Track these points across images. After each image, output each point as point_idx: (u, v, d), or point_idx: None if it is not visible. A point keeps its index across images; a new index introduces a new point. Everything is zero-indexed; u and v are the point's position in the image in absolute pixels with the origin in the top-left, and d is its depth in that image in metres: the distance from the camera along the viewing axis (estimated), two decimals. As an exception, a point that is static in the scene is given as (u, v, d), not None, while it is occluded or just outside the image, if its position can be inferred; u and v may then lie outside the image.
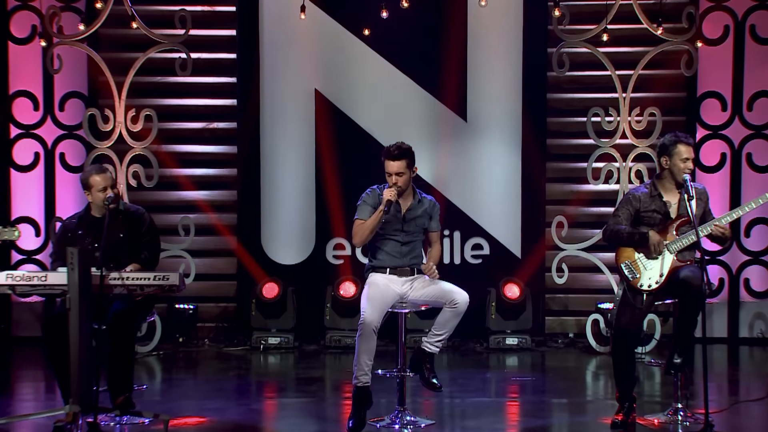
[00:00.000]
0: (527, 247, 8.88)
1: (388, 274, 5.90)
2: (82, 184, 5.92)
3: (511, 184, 8.93)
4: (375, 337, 5.59)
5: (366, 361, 5.63)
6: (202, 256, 9.00)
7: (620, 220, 5.78)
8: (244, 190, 9.05)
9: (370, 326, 5.56)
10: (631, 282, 5.72)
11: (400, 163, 5.78)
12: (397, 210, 5.89)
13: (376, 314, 5.60)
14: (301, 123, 8.99)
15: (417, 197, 5.94)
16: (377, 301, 5.68)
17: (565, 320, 9.14)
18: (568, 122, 9.12)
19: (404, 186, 5.82)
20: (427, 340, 5.80)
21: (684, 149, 5.72)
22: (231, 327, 9.07)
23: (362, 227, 5.82)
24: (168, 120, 9.04)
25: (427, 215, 5.94)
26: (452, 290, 5.70)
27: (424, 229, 5.96)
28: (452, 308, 5.66)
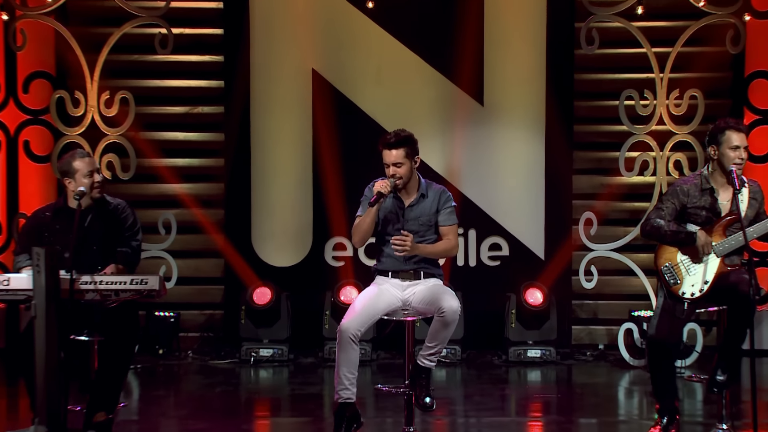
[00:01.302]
0: (551, 248, 8.87)
1: (390, 277, 5.91)
2: (63, 171, 5.84)
3: (533, 176, 8.92)
4: (355, 347, 5.59)
5: (346, 373, 5.63)
6: (184, 257, 9.00)
7: (664, 215, 5.72)
8: (232, 182, 9.05)
9: (347, 334, 5.56)
10: (671, 288, 5.68)
11: (398, 152, 5.76)
12: (399, 206, 5.87)
13: (357, 321, 5.61)
14: (297, 107, 8.99)
15: (422, 190, 5.91)
16: (363, 307, 5.69)
17: (595, 330, 9.13)
18: (597, 106, 9.10)
19: (405, 178, 5.80)
20: (421, 353, 5.80)
21: (735, 136, 5.65)
22: (217, 337, 9.07)
23: (357, 226, 5.82)
24: (146, 104, 9.03)
25: (434, 209, 5.89)
26: (442, 297, 5.66)
27: (432, 225, 5.92)
28: (440, 317, 5.64)
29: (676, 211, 5.74)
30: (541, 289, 8.57)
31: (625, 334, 8.43)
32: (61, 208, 5.93)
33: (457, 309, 5.60)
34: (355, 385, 5.68)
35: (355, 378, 5.66)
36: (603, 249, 8.58)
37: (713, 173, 5.74)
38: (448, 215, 5.89)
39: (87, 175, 5.81)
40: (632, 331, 8.41)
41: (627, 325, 8.45)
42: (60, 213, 5.90)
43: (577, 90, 8.98)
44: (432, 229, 5.90)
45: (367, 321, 5.67)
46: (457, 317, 5.62)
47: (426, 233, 5.86)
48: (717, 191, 5.71)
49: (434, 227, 5.91)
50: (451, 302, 5.61)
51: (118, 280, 5.49)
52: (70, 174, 5.83)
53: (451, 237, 5.88)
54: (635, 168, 8.46)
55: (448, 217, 5.89)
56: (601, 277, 8.61)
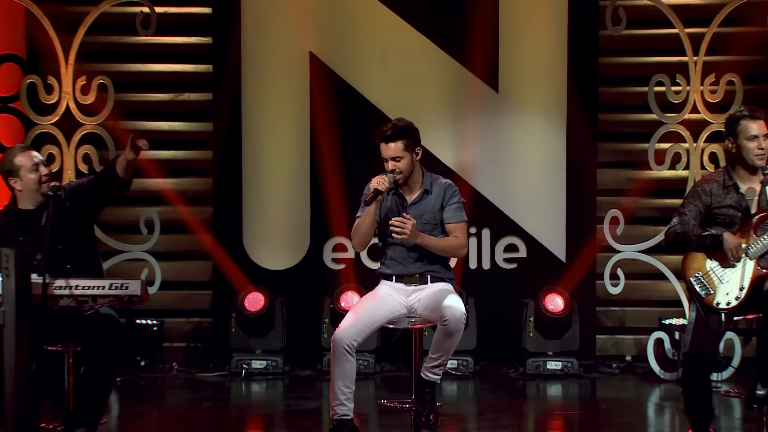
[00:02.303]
0: (573, 249, 8.87)
1: (394, 281, 5.93)
2: (5, 172, 5.76)
3: (553, 170, 8.92)
4: (350, 358, 5.60)
5: (341, 387, 5.64)
6: (169, 259, 9.00)
7: (687, 219, 5.69)
8: (222, 176, 9.06)
9: (341, 344, 5.57)
10: (704, 300, 5.64)
11: (397, 145, 5.76)
12: (401, 204, 5.86)
13: (353, 329, 5.61)
14: (293, 94, 8.99)
15: (425, 185, 5.90)
16: (361, 314, 5.70)
17: (621, 339, 9.12)
18: (624, 93, 9.10)
19: (405, 173, 5.80)
20: (425, 366, 5.81)
21: (752, 125, 5.64)
22: (205, 347, 9.08)
23: (356, 228, 5.84)
24: (127, 90, 9.03)
25: (438, 205, 5.88)
26: (445, 304, 5.65)
27: (438, 224, 5.91)
28: (442, 325, 5.63)
29: (700, 214, 5.70)
30: (562, 295, 8.56)
31: (654, 344, 8.41)
32: (11, 212, 5.86)
33: (462, 316, 5.58)
34: (352, 400, 5.68)
35: (351, 392, 5.66)
36: (630, 250, 8.57)
37: (735, 167, 5.72)
38: (455, 211, 5.87)
39: (32, 169, 5.75)
40: (663, 340, 8.39)
41: (657, 334, 8.44)
42: (12, 217, 5.84)
43: (601, 75, 8.96)
44: (438, 228, 5.89)
45: (364, 330, 5.67)
46: (461, 326, 5.61)
47: (431, 233, 5.85)
48: (741, 186, 5.69)
49: (440, 226, 5.90)
50: (455, 308, 5.59)
51: (95, 285, 5.48)
52: (13, 173, 5.76)
53: (458, 235, 5.86)
54: (666, 161, 8.44)
55: (455, 213, 5.87)
56: (629, 281, 8.60)
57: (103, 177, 5.89)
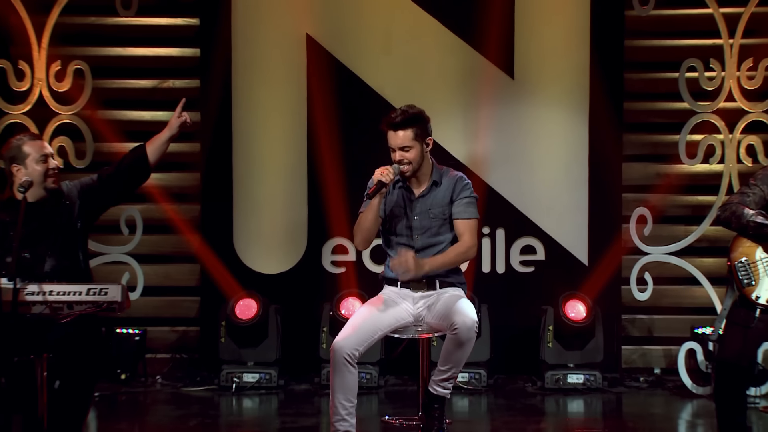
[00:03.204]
0: (597, 251, 8.87)
1: (399, 287, 5.94)
2: (11, 157, 5.85)
3: (574, 164, 8.92)
4: (351, 369, 5.63)
5: (342, 401, 5.67)
6: (152, 262, 9.02)
7: (749, 201, 5.72)
8: (210, 171, 9.06)
9: (341, 354, 5.60)
10: (744, 290, 5.66)
11: (406, 134, 5.79)
12: (408, 197, 5.85)
13: (353, 339, 5.63)
14: (288, 81, 8.99)
15: (434, 177, 5.92)
16: (363, 322, 5.72)
17: (650, 350, 9.12)
18: (653, 79, 9.10)
19: (414, 164, 5.82)
20: (433, 379, 5.84)
21: None
22: (192, 359, 9.09)
23: (358, 224, 5.86)
24: (106, 76, 9.05)
25: (447, 199, 5.89)
26: (455, 311, 5.67)
27: (447, 219, 5.91)
28: (452, 335, 5.65)
29: (764, 199, 5.73)
30: (584, 301, 8.55)
31: (686, 355, 8.41)
32: (6, 202, 5.90)
33: (473, 325, 5.60)
34: (354, 415, 5.70)
35: (353, 407, 5.68)
36: (659, 252, 8.59)
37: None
38: (465, 206, 5.88)
39: (40, 160, 5.83)
40: (695, 351, 8.39)
41: (689, 344, 8.44)
42: (7, 208, 5.86)
43: (627, 60, 8.94)
44: (446, 224, 5.91)
45: (367, 339, 5.69)
46: (473, 335, 5.62)
47: (440, 229, 5.87)
48: None
49: (449, 222, 5.91)
50: (466, 316, 5.59)
51: (71, 290, 5.48)
52: (19, 160, 5.83)
53: (466, 236, 5.87)
54: (699, 154, 8.46)
55: (465, 208, 5.88)
56: (657, 286, 8.61)
57: (129, 166, 5.96)
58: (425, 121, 5.85)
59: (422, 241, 5.88)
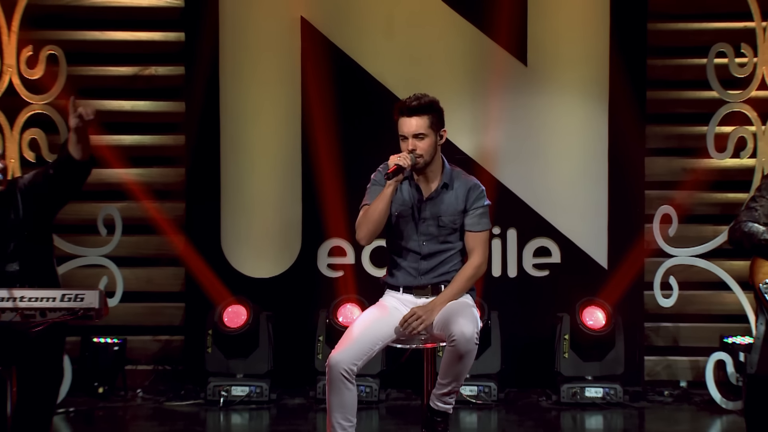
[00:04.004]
0: (617, 253, 8.88)
1: (401, 293, 5.96)
2: None
3: (593, 158, 8.93)
4: (349, 386, 5.63)
5: (340, 420, 5.67)
6: (133, 266, 9.02)
7: (758, 216, 5.72)
8: (196, 166, 9.07)
9: (337, 369, 5.59)
10: (773, 312, 5.68)
11: (421, 121, 5.80)
12: (417, 198, 5.85)
13: (351, 352, 5.63)
14: (281, 68, 9.00)
15: (445, 178, 5.92)
16: (361, 333, 5.72)
17: (675, 362, 9.12)
18: (678, 66, 9.10)
19: (426, 156, 5.82)
20: (434, 393, 5.84)
21: None
22: (176, 371, 9.09)
23: (366, 215, 5.84)
24: (82, 63, 9.04)
25: (460, 207, 5.90)
26: (453, 320, 5.67)
27: (457, 228, 5.92)
28: (450, 346, 5.66)
29: None
30: (603, 308, 8.56)
31: (715, 367, 8.41)
32: None
33: (472, 336, 5.60)
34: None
35: (353, 426, 5.68)
36: (686, 255, 8.57)
37: None
38: (479, 218, 5.91)
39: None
40: (724, 363, 8.39)
41: (718, 355, 8.44)
42: None
43: (651, 45, 8.95)
44: (456, 233, 5.94)
45: (365, 352, 5.69)
46: (472, 347, 5.62)
47: (449, 237, 5.89)
48: None
49: (459, 231, 5.93)
50: (464, 326, 5.60)
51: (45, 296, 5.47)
52: None
53: (476, 253, 5.91)
54: (729, 147, 8.44)
55: (479, 220, 5.91)
56: (683, 291, 8.60)
57: (57, 161, 5.93)
58: (441, 111, 5.89)
59: (429, 247, 5.90)
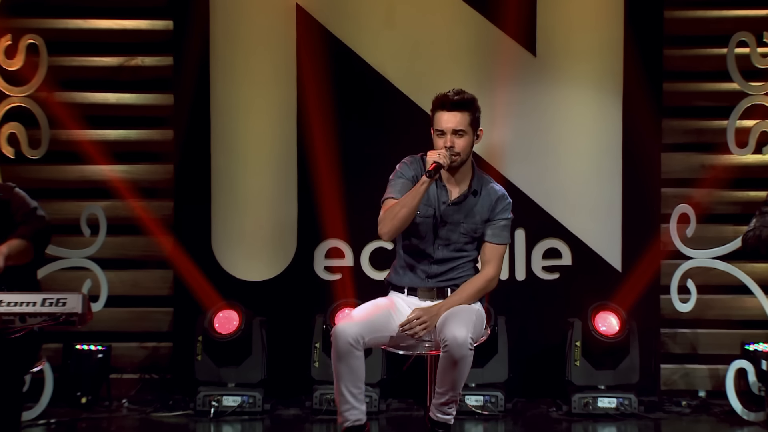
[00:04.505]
0: (631, 255, 8.89)
1: (406, 295, 6.00)
2: None
3: (606, 154, 8.94)
4: (357, 354, 5.64)
5: (350, 388, 5.70)
6: (118, 268, 9.03)
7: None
8: (185, 162, 9.07)
9: (344, 339, 5.59)
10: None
11: (462, 117, 5.86)
12: (440, 199, 5.88)
13: (359, 326, 5.65)
14: (275, 59, 9.01)
15: (475, 184, 5.94)
16: (372, 315, 5.76)
17: (693, 370, 9.12)
18: (697, 56, 9.10)
19: (463, 155, 5.87)
20: (434, 402, 5.86)
21: None
22: (164, 380, 9.09)
23: (393, 210, 5.81)
24: (64, 53, 9.05)
25: (484, 216, 5.93)
26: (447, 324, 5.69)
27: (476, 239, 5.94)
28: (443, 351, 5.67)
29: None
30: (616, 313, 8.55)
31: (735, 375, 8.40)
32: None
33: (465, 342, 5.60)
34: (364, 401, 5.74)
35: (362, 393, 5.72)
36: (704, 257, 8.57)
37: None
38: (501, 230, 5.97)
39: None
40: (746, 371, 8.39)
41: (738, 363, 8.43)
42: None
43: (667, 34, 8.95)
44: (473, 242, 5.99)
45: (374, 332, 5.73)
46: (465, 353, 5.63)
47: (465, 246, 5.98)
48: None
49: (477, 242, 5.96)
50: (456, 330, 5.62)
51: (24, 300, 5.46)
52: None
53: (491, 265, 5.98)
54: (750, 142, 8.44)
55: (500, 232, 5.97)
56: (702, 295, 8.60)
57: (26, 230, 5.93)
58: (479, 109, 5.95)
59: (443, 253, 5.95)
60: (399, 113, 8.62)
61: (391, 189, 5.91)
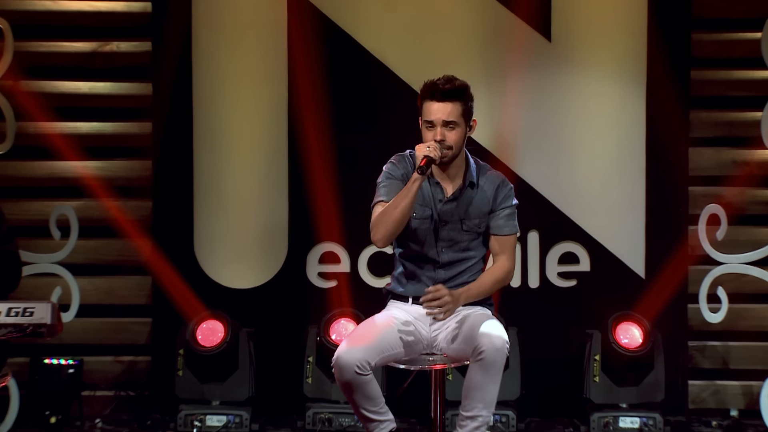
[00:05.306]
0: (656, 260, 8.90)
1: (410, 304, 5.98)
2: None
3: (628, 149, 8.96)
4: (367, 378, 5.64)
5: (372, 408, 5.74)
6: (91, 274, 9.04)
7: None
8: (165, 158, 9.07)
9: (350, 368, 5.57)
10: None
11: (453, 108, 5.85)
12: (435, 197, 5.87)
13: (362, 349, 5.62)
14: (264, 43, 9.03)
15: (469, 176, 5.94)
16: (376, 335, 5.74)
17: (724, 386, 9.13)
18: (728, 41, 9.10)
19: (455, 149, 5.86)
20: (459, 424, 5.82)
21: None
22: (141, 397, 9.10)
23: (387, 213, 5.81)
24: (31, 37, 9.06)
25: (487, 207, 5.93)
26: (481, 332, 5.65)
27: (481, 234, 5.92)
28: (477, 360, 5.63)
29: None
30: (640, 324, 8.55)
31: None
32: None
33: (503, 346, 5.62)
34: (389, 411, 5.79)
35: (384, 405, 5.77)
36: (736, 262, 8.58)
37: None
38: (506, 219, 5.96)
39: None
40: (782, 388, 8.39)
41: (774, 379, 8.45)
42: None
43: (696, 16, 8.95)
44: (479, 239, 5.98)
45: (380, 351, 5.71)
46: (502, 356, 5.62)
47: (471, 243, 5.94)
48: None
49: (483, 237, 5.94)
50: (492, 336, 5.59)
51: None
52: None
53: (505, 257, 5.96)
54: (786, 137, 8.45)
55: (506, 222, 5.96)
56: (734, 305, 8.59)
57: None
58: (472, 98, 5.96)
59: (448, 256, 5.95)
60: (400, 104, 8.59)
61: (380, 192, 5.91)
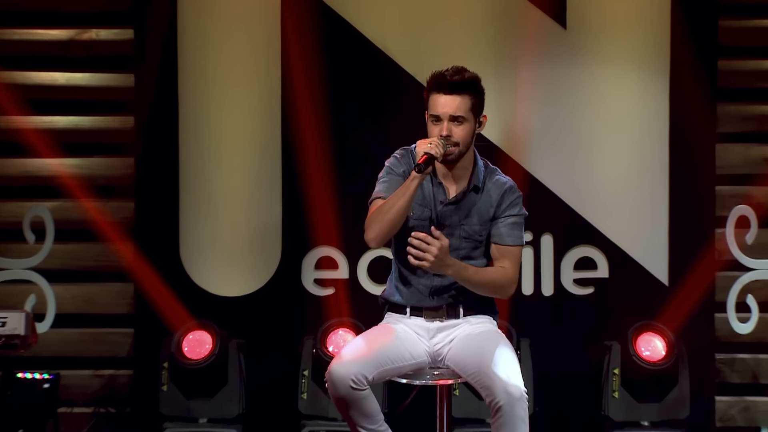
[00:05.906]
0: (680, 266, 8.89)
1: (408, 316, 5.97)
2: None
3: (650, 145, 8.95)
4: (364, 393, 5.61)
5: (370, 426, 5.71)
6: (68, 281, 9.03)
7: None
8: (149, 156, 9.06)
9: (344, 383, 5.55)
10: None
11: (462, 101, 5.81)
12: (438, 199, 5.91)
13: (357, 362, 5.60)
14: (255, 31, 9.03)
15: (474, 179, 5.92)
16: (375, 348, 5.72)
17: (755, 403, 9.11)
18: (758, 28, 9.10)
19: (462, 146, 5.83)
20: None
21: None
22: (122, 414, 9.09)
23: (380, 211, 5.78)
24: (4, 24, 9.10)
25: (489, 214, 5.91)
26: (491, 375, 5.56)
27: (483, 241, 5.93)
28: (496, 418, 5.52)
29: None
30: (663, 335, 8.53)
31: (805, 409, 8.42)
32: None
33: (522, 395, 5.49)
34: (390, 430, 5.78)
35: (384, 424, 5.76)
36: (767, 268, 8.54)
37: None
38: (510, 228, 5.91)
39: None
40: (818, 405, 8.39)
41: (808, 395, 8.43)
42: None
43: (724, 1, 8.96)
44: (481, 247, 5.95)
45: (378, 366, 5.67)
46: (524, 406, 5.49)
47: (471, 253, 5.94)
48: None
49: (485, 245, 5.93)
50: (507, 384, 5.49)
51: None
52: None
53: (508, 265, 5.88)
54: (823, 132, 8.45)
55: (509, 231, 5.90)
56: (764, 314, 8.63)
57: None
58: (483, 91, 5.91)
59: None
60: (404, 98, 8.57)
61: (379, 187, 5.88)
